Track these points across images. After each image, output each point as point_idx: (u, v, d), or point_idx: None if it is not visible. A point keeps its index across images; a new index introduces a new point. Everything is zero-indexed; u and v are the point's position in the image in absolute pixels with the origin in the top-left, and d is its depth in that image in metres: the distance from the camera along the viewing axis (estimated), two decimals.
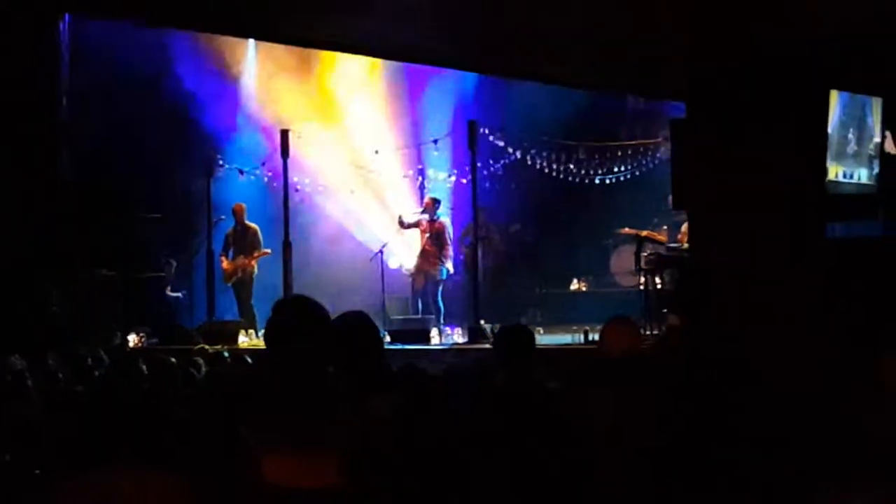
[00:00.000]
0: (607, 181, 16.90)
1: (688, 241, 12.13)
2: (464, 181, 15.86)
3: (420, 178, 17.05)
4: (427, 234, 14.86)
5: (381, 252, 15.38)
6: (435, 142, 16.39)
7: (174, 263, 17.21)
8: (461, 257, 15.97)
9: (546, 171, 16.73)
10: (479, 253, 14.33)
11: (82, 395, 7.20)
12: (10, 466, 5.11)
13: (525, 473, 3.35)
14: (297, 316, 2.48)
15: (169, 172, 17.41)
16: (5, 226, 14.20)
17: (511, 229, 18.28)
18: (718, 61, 9.49)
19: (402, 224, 15.36)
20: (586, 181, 16.90)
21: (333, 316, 3.99)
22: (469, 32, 9.16)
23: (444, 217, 15.00)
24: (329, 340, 2.43)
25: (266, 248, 15.93)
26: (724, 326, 5.72)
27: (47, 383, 7.89)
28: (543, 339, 12.29)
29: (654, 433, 3.91)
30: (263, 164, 16.51)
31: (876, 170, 10.24)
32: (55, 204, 14.48)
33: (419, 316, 14.60)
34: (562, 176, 16.81)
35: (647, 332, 12.08)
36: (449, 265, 14.78)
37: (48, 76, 14.45)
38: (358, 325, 3.80)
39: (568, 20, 8.54)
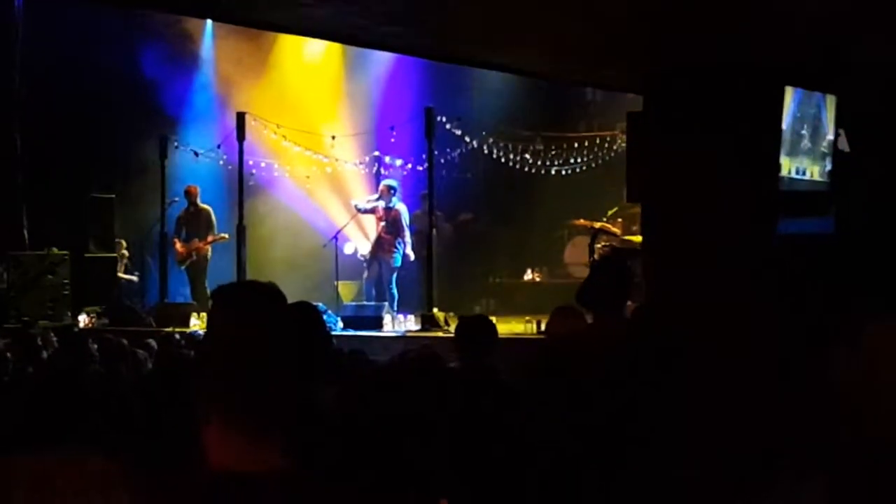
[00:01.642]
0: (563, 172, 16.95)
1: (640, 234, 12.19)
2: (419, 168, 15.84)
3: (376, 165, 17.03)
4: (383, 222, 14.85)
5: (335, 238, 15.35)
6: (391, 128, 16.37)
7: (125, 244, 17.08)
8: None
9: (502, 160, 16.75)
10: (434, 241, 14.32)
11: (31, 375, 7.16)
12: None
13: (471, 461, 3.37)
14: (239, 300, 2.47)
15: (123, 152, 17.30)
16: None
17: (461, 218, 18.29)
18: (675, 55, 9.54)
19: (357, 210, 15.36)
20: (542, 171, 16.93)
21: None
22: (426, 18, 9.14)
23: (400, 204, 14.98)
24: (277, 324, 2.42)
25: (220, 231, 15.87)
26: (672, 323, 5.75)
27: None
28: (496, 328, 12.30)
29: (581, 421, 3.95)
30: (219, 146, 16.43)
31: (829, 167, 10.33)
32: (6, 181, 14.35)
33: (372, 303, 14.60)
34: (518, 166, 16.84)
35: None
36: (409, 251, 14.76)
37: (2, 54, 14.31)
38: (303, 315, 3.80)
39: (524, 9, 8.55)
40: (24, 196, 14.56)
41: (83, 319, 14.33)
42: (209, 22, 17.53)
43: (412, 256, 14.82)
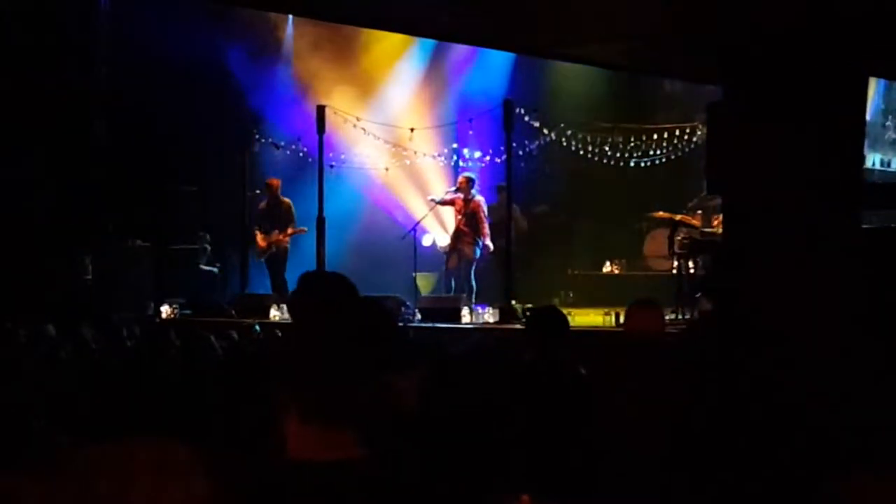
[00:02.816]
0: (643, 164, 16.84)
1: (722, 227, 12.08)
2: (498, 161, 15.83)
3: (455, 157, 17.03)
4: (461, 214, 14.85)
5: (413, 230, 15.39)
6: (470, 121, 16.36)
7: (207, 237, 17.27)
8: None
9: (581, 152, 16.69)
10: (512, 233, 14.30)
11: (115, 365, 7.28)
12: (44, 433, 5.17)
13: (545, 452, 3.36)
14: (323, 290, 2.49)
15: (206, 146, 17.47)
16: (41, 194, 14.33)
17: (537, 210, 18.24)
18: (755, 45, 9.43)
19: (434, 202, 15.39)
20: (621, 164, 16.84)
21: (365, 293, 4.02)
22: (505, 11, 9.13)
23: (479, 196, 14.98)
24: (353, 316, 2.45)
25: (300, 223, 15.98)
26: (756, 316, 5.70)
27: (80, 353, 7.97)
28: (574, 320, 12.29)
29: (674, 418, 3.92)
30: (299, 139, 16.53)
31: None
32: (91, 174, 14.59)
33: (450, 294, 14.61)
34: (597, 158, 16.76)
35: (679, 317, 12.06)
36: (488, 242, 14.75)
37: (87, 46, 14.55)
38: (377, 310, 3.82)
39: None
40: (109, 188, 14.77)
41: (165, 310, 14.51)
42: (290, 16, 17.67)
43: (491, 247, 14.81)
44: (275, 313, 13.97)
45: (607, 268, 17.92)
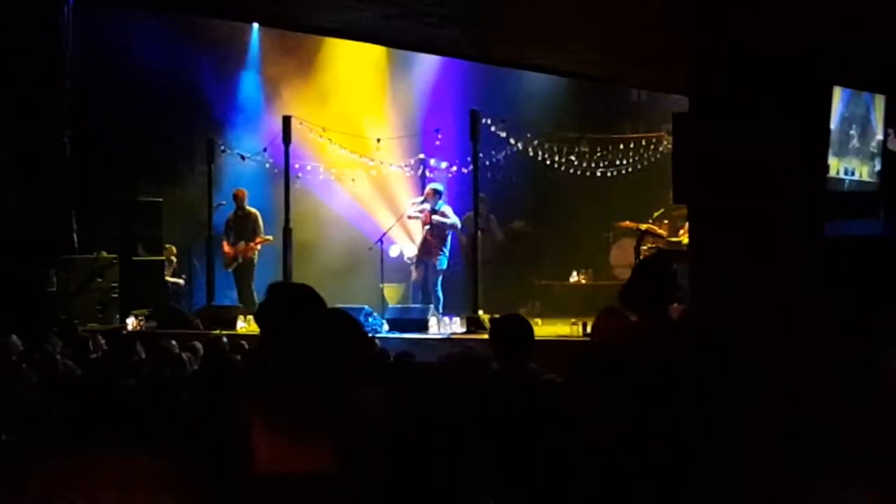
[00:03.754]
0: (609, 174, 16.89)
1: (688, 237, 12.13)
2: (465, 171, 15.85)
3: (421, 168, 17.05)
4: (428, 225, 14.85)
5: (380, 240, 15.38)
6: (436, 131, 16.38)
7: (173, 248, 17.21)
8: (458, 247, 15.92)
9: (548, 162, 16.72)
10: (479, 244, 14.31)
11: (80, 377, 7.22)
12: (9, 446, 5.12)
13: (514, 463, 3.36)
14: (291, 299, 2.48)
15: (171, 156, 17.43)
16: (4, 205, 14.21)
17: (514, 225, 18.27)
18: (721, 55, 9.48)
19: (408, 217, 15.40)
20: (588, 173, 16.89)
21: (332, 304, 4.01)
22: (471, 21, 9.15)
23: (446, 206, 14.99)
24: (322, 327, 2.43)
25: (267, 234, 15.95)
26: (719, 326, 5.71)
27: (46, 365, 7.90)
28: (542, 330, 12.29)
29: (622, 426, 3.93)
30: (265, 149, 16.52)
31: (878, 167, 10.23)
32: (55, 185, 14.49)
33: (418, 305, 14.61)
34: (563, 168, 16.80)
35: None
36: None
37: (51, 57, 14.45)
38: (342, 319, 3.79)
39: (570, 10, 8.53)
40: (73, 200, 14.69)
41: (131, 322, 14.44)
42: (255, 26, 17.63)
43: (463, 238, 14.82)
44: (242, 325, 13.93)
45: (574, 277, 17.96)
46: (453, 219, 14.77)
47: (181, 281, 17.33)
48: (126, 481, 2.16)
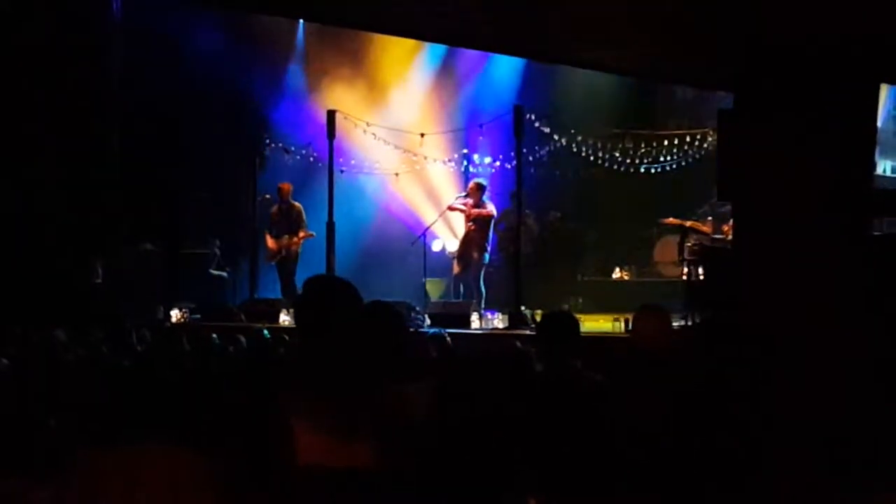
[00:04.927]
0: (653, 170, 16.82)
1: (732, 234, 12.06)
2: (508, 166, 15.83)
3: (465, 163, 17.05)
4: (471, 220, 14.84)
5: (423, 235, 15.39)
6: (481, 126, 16.37)
7: (218, 241, 17.30)
8: (495, 241, 15.88)
9: (591, 158, 16.68)
10: (522, 239, 14.30)
11: (125, 369, 7.28)
12: (57, 432, 5.18)
13: (557, 462, 3.36)
14: (326, 295, 2.49)
15: (216, 150, 17.51)
16: (53, 197, 14.37)
17: (550, 217, 18.23)
18: (767, 52, 9.42)
19: (450, 209, 15.38)
20: (631, 170, 16.82)
21: (371, 297, 4.02)
22: (515, 17, 9.13)
23: (489, 203, 14.97)
24: (362, 322, 2.44)
25: (310, 228, 16.00)
26: (752, 325, 5.68)
27: (90, 356, 7.98)
28: (584, 326, 12.26)
29: (664, 428, 3.92)
30: (310, 144, 16.56)
31: None
32: (103, 177, 14.64)
33: (460, 300, 14.61)
34: (607, 164, 16.75)
35: (689, 324, 12.03)
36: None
37: (102, 52, 14.61)
38: (383, 312, 3.80)
39: (618, 6, 8.51)
40: (121, 193, 14.82)
41: (175, 314, 14.53)
42: (300, 21, 17.69)
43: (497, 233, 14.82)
44: (284, 318, 13.98)
45: (617, 274, 17.90)
46: (490, 207, 14.71)
47: (225, 274, 17.41)
48: (170, 474, 2.19)
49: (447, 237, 16.69)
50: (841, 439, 3.95)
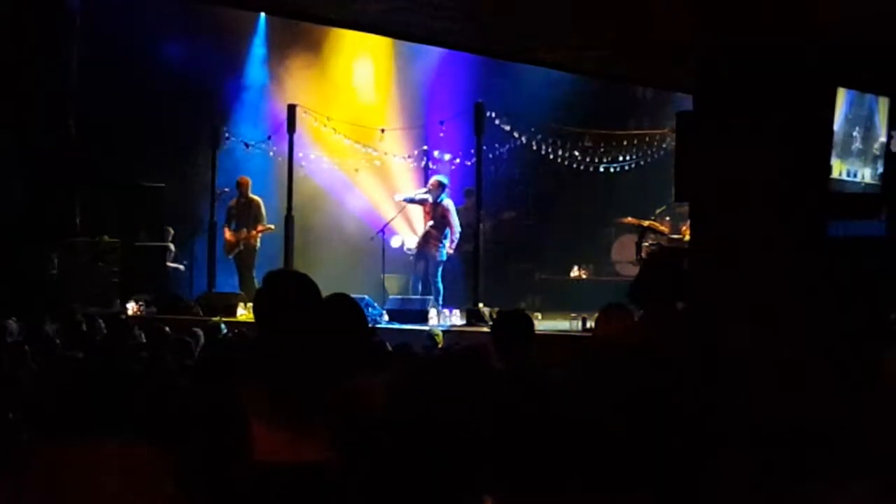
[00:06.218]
0: (612, 170, 16.88)
1: (689, 234, 12.13)
2: (468, 163, 15.85)
3: (425, 159, 17.05)
4: (430, 217, 14.85)
5: (382, 231, 15.39)
6: (441, 123, 16.38)
7: (172, 232, 17.21)
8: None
9: (551, 157, 16.72)
10: (481, 237, 14.32)
11: (79, 361, 7.23)
12: (15, 425, 5.15)
13: (514, 459, 3.37)
14: (287, 289, 2.49)
15: (175, 143, 17.42)
16: (8, 189, 14.23)
17: (504, 216, 18.27)
18: (726, 54, 9.48)
19: (404, 201, 15.35)
20: (591, 169, 16.88)
21: (330, 292, 4.01)
22: (476, 14, 9.15)
23: (448, 200, 14.98)
24: (319, 316, 2.44)
25: (269, 222, 15.96)
26: (717, 324, 5.71)
27: (44, 348, 7.92)
28: (542, 325, 12.30)
29: (622, 426, 3.94)
30: (269, 137, 16.52)
31: (880, 169, 10.24)
32: (58, 169, 14.52)
33: (418, 296, 14.61)
34: (566, 163, 16.79)
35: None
36: (450, 249, 14.75)
37: (58, 42, 14.48)
38: (342, 306, 3.80)
39: (576, 5, 8.54)
40: (77, 184, 14.71)
41: (131, 307, 14.46)
42: (262, 14, 17.63)
43: (450, 251, 14.78)
44: (242, 312, 13.94)
45: (575, 272, 17.96)
46: (455, 225, 14.71)
47: (182, 267, 17.34)
48: (126, 469, 2.18)
49: (406, 233, 16.69)
50: (793, 436, 3.99)
